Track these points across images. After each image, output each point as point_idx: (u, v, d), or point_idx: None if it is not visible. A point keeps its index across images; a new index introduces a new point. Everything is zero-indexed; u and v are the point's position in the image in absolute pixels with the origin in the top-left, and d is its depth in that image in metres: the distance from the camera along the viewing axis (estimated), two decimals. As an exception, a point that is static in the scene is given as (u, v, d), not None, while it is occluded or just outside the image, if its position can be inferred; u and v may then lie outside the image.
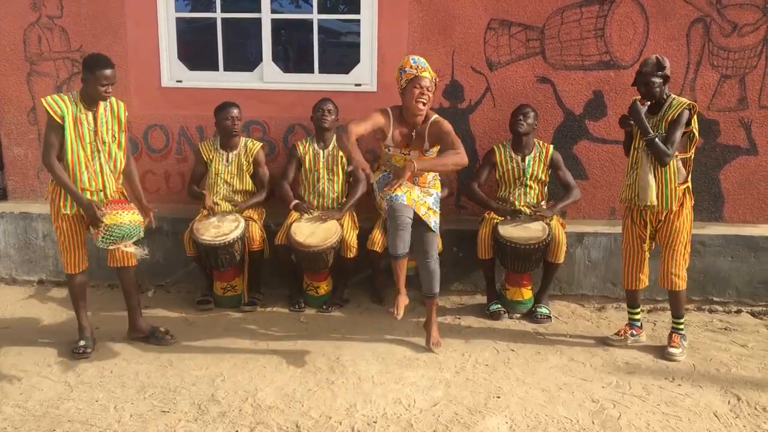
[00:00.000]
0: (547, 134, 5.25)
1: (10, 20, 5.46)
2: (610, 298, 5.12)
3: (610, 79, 5.16)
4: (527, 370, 4.03)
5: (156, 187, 5.61)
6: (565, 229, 4.87)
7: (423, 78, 3.85)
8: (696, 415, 3.53)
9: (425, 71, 3.87)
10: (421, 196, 4.06)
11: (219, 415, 3.49)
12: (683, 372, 4.03)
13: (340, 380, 3.87)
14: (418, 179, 4.09)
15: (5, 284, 5.51)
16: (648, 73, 3.99)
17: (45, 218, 5.34)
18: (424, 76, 3.86)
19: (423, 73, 3.86)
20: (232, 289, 5.00)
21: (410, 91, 3.87)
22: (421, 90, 3.85)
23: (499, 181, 4.99)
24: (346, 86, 5.37)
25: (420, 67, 3.87)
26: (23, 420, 3.45)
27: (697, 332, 4.65)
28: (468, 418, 3.48)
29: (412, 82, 3.87)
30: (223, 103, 4.99)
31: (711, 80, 5.11)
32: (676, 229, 4.12)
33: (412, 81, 3.87)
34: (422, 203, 4.05)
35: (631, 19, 5.06)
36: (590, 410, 3.56)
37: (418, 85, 3.84)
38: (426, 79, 3.86)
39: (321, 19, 5.47)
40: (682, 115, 3.97)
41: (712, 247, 5.01)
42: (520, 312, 4.88)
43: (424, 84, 3.85)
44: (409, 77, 3.88)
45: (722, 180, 5.23)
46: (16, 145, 5.67)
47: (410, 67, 3.88)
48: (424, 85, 3.85)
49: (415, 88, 3.85)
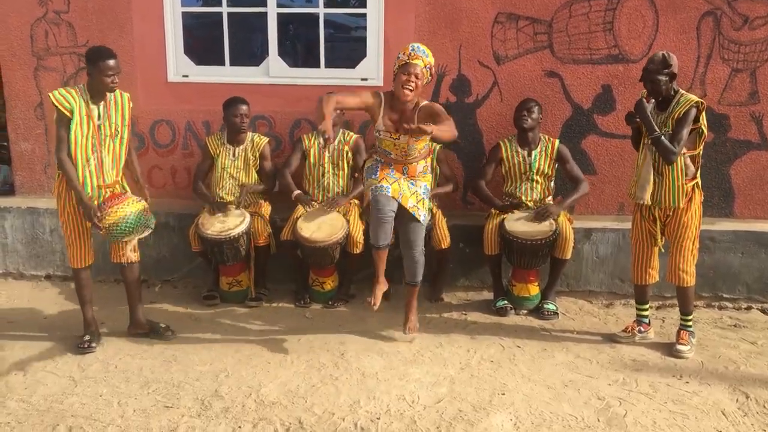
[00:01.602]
0: (555, 129, 5.21)
1: (18, 15, 5.47)
2: (619, 294, 5.07)
3: (619, 73, 5.10)
4: (533, 367, 3.99)
5: (162, 183, 5.60)
6: (572, 224, 4.83)
7: (413, 65, 3.88)
8: (703, 413, 3.49)
9: (417, 59, 3.89)
10: (411, 187, 4.06)
11: (222, 410, 3.48)
12: (691, 369, 3.98)
13: (344, 376, 3.86)
14: (407, 169, 4.09)
15: (13, 279, 5.54)
16: (654, 70, 3.94)
17: (52, 213, 5.35)
18: (414, 63, 3.88)
19: (414, 61, 3.89)
20: (238, 285, 4.99)
21: (398, 77, 3.93)
22: (408, 77, 3.88)
23: (506, 176, 4.95)
24: (352, 81, 5.34)
25: (413, 54, 3.90)
26: (27, 414, 3.46)
27: (707, 329, 4.59)
28: (472, 414, 3.45)
29: (401, 68, 3.92)
30: (232, 99, 4.96)
31: (722, 74, 5.04)
32: (684, 225, 4.07)
33: (402, 67, 3.92)
34: (412, 194, 4.06)
35: (641, 12, 5.00)
36: (596, 408, 3.53)
37: (407, 72, 3.88)
38: (416, 66, 3.88)
39: (327, 13, 5.45)
40: (689, 113, 3.91)
41: (723, 243, 4.95)
42: (526, 308, 4.85)
43: (412, 71, 3.88)
44: (401, 63, 3.93)
45: (733, 175, 5.16)
46: (23, 140, 5.68)
47: (404, 53, 3.93)
48: (412, 72, 3.88)
49: (403, 74, 3.89)
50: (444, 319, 4.75)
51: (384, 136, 4.06)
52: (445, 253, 4.92)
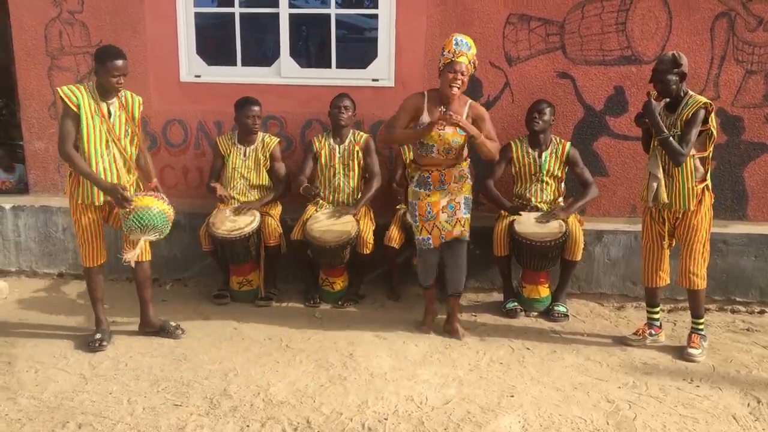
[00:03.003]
0: (567, 130, 5.18)
1: (32, 15, 5.52)
2: (630, 297, 5.04)
3: (632, 74, 5.07)
4: (542, 369, 3.98)
5: (174, 182, 5.63)
6: (582, 226, 4.80)
7: (458, 63, 3.98)
8: (714, 418, 3.46)
9: (462, 56, 3.98)
10: (450, 215, 4.22)
11: (230, 409, 3.49)
12: (702, 373, 3.95)
13: (353, 376, 3.86)
14: (444, 176, 4.19)
15: (26, 277, 5.58)
16: (664, 70, 3.91)
17: (65, 212, 5.39)
18: (459, 61, 3.98)
19: (459, 58, 3.97)
20: (248, 284, 5.01)
21: (444, 75, 4.03)
22: (455, 75, 3.99)
23: (515, 177, 4.93)
24: (363, 81, 5.34)
25: (458, 51, 3.98)
26: (38, 411, 3.48)
27: (718, 333, 4.55)
28: (480, 416, 3.44)
29: (447, 66, 4.00)
30: (244, 100, 4.97)
31: (735, 76, 4.99)
32: (694, 227, 4.04)
33: (447, 66, 4.00)
34: (454, 223, 4.23)
35: (654, 13, 4.97)
36: (605, 411, 3.50)
37: (453, 70, 3.98)
38: (461, 64, 3.98)
39: (339, 14, 5.45)
40: (698, 114, 3.88)
41: (735, 246, 4.91)
42: (536, 310, 4.83)
43: (458, 69, 3.98)
44: (446, 61, 4.00)
45: (746, 178, 5.12)
46: (37, 139, 5.73)
47: (448, 51, 4.01)
48: (458, 70, 3.98)
49: (450, 73, 3.99)
50: (454, 320, 4.74)
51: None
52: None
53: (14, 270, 5.61)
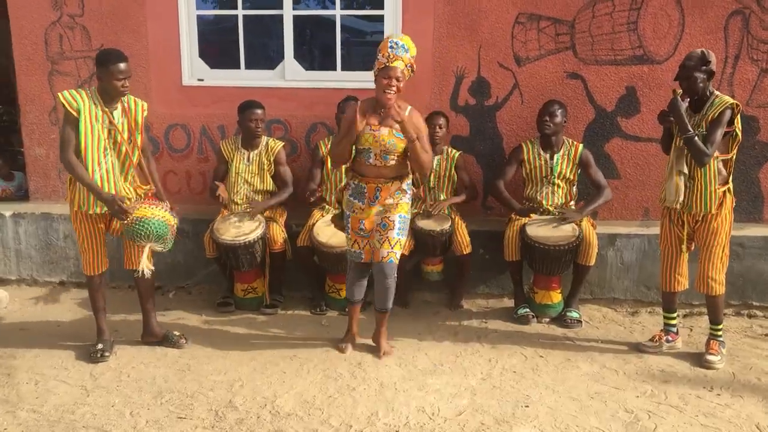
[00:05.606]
0: (578, 132, 5.07)
1: (32, 19, 5.42)
2: (644, 302, 4.92)
3: (644, 74, 4.96)
4: (557, 378, 3.86)
5: (177, 188, 5.53)
6: (595, 229, 4.69)
7: (392, 68, 3.76)
8: (737, 427, 3.34)
9: (397, 60, 3.77)
10: (381, 234, 3.96)
11: (236, 422, 3.38)
12: (722, 381, 3.83)
13: (362, 387, 3.74)
14: (381, 190, 3.96)
15: (26, 285, 5.48)
16: (691, 67, 3.80)
17: (66, 219, 5.30)
18: (394, 66, 3.76)
19: (394, 63, 3.76)
20: (253, 291, 4.90)
21: (378, 81, 3.82)
22: (389, 81, 3.77)
23: (526, 179, 4.82)
24: (368, 83, 5.19)
25: (392, 56, 3.77)
26: (38, 425, 3.38)
27: (736, 338, 4.44)
28: (495, 428, 3.32)
29: (381, 72, 3.80)
30: (248, 103, 4.88)
31: (750, 75, 4.88)
32: (714, 231, 3.92)
33: (381, 71, 3.80)
34: (384, 241, 3.96)
35: (666, 11, 4.86)
36: (624, 421, 3.39)
37: (387, 76, 3.77)
38: (396, 69, 3.77)
39: (344, 17, 5.35)
40: (724, 114, 3.77)
41: (752, 249, 4.79)
42: (549, 316, 4.72)
43: (393, 74, 3.77)
44: (380, 66, 3.81)
45: (762, 179, 5.00)
46: (37, 146, 5.63)
47: (383, 55, 3.80)
48: (392, 75, 3.77)
49: (384, 78, 3.79)
50: (464, 327, 4.62)
51: (364, 130, 3.92)
52: (466, 259, 4.80)
53: (14, 278, 5.51)
